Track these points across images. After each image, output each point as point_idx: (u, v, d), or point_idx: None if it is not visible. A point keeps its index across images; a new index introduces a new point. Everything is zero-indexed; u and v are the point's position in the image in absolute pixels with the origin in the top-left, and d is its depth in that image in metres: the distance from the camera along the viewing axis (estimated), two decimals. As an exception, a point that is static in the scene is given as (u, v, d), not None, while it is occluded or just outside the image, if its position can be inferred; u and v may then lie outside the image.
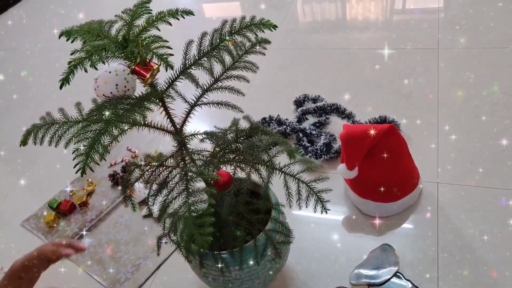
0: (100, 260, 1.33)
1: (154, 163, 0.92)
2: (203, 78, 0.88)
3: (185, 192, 0.70)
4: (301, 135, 1.50)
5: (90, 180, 1.61)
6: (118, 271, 1.28)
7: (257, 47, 0.87)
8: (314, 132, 1.50)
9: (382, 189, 1.19)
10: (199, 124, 1.70)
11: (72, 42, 0.74)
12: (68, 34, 0.76)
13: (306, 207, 0.78)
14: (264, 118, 1.61)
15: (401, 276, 1.09)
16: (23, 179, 1.73)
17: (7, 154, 1.85)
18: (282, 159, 0.84)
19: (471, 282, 1.05)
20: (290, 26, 2.26)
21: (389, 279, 1.07)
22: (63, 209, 1.50)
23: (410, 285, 1.06)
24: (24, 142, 0.88)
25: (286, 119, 1.59)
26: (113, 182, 1.57)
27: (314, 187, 0.79)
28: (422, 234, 1.18)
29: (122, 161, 1.66)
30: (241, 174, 0.92)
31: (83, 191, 1.58)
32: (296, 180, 0.80)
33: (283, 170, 0.81)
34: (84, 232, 1.42)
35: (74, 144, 0.63)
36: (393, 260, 1.12)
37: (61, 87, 0.65)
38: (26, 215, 1.55)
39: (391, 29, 2.04)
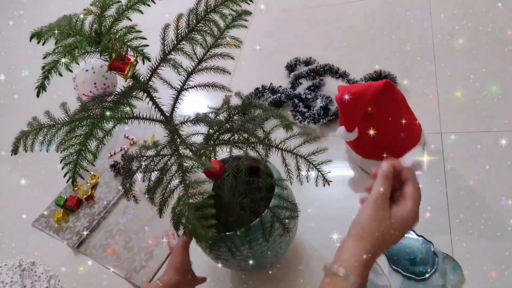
0: (114, 251, 1.34)
1: (150, 153, 0.90)
2: (187, 61, 0.85)
3: (183, 184, 0.68)
4: (296, 101, 1.47)
5: (92, 173, 1.60)
6: (133, 260, 1.29)
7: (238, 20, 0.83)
8: (309, 96, 1.47)
9: (384, 147, 1.17)
10: (194, 106, 1.67)
11: (43, 44, 0.71)
12: (39, 35, 0.73)
13: (308, 182, 0.77)
14: (257, 89, 1.58)
15: (412, 232, 1.08)
16: (27, 180, 1.73)
17: (8, 155, 1.84)
18: (279, 133, 0.82)
19: (483, 230, 1.05)
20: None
21: (400, 236, 1.07)
22: (70, 205, 1.50)
23: (422, 240, 1.06)
24: (15, 151, 0.86)
25: (280, 87, 1.56)
26: (115, 172, 1.57)
27: (313, 161, 0.78)
28: (430, 187, 1.16)
29: (121, 149, 1.65)
30: (239, 152, 0.91)
31: (87, 184, 1.57)
32: (294, 155, 0.78)
33: (279, 147, 0.79)
34: (94, 225, 1.43)
35: (61, 152, 0.61)
36: (402, 217, 1.11)
37: (38, 95, 0.62)
38: (36, 215, 1.55)
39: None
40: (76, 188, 1.58)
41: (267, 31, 1.92)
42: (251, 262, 0.96)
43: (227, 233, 0.89)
